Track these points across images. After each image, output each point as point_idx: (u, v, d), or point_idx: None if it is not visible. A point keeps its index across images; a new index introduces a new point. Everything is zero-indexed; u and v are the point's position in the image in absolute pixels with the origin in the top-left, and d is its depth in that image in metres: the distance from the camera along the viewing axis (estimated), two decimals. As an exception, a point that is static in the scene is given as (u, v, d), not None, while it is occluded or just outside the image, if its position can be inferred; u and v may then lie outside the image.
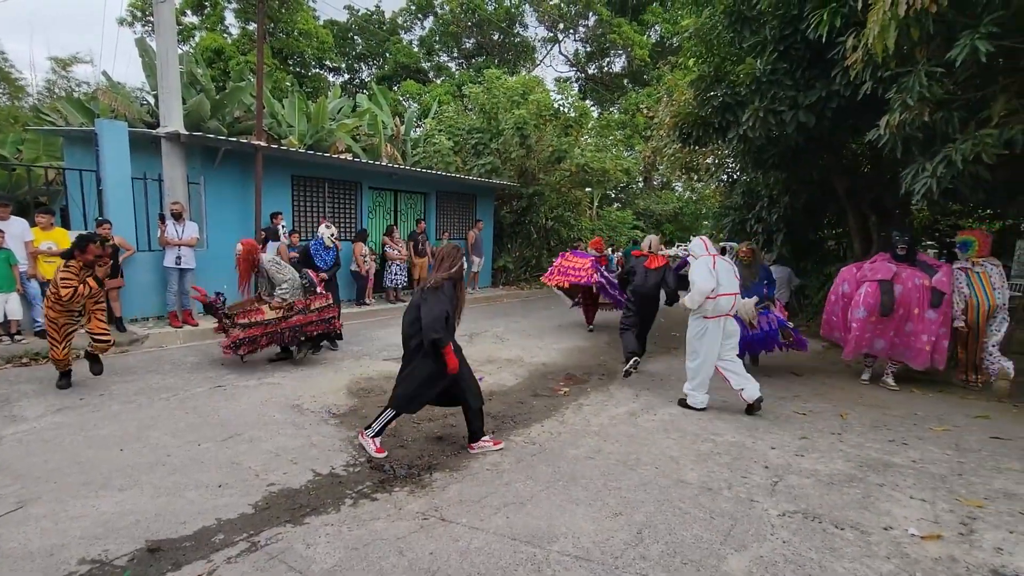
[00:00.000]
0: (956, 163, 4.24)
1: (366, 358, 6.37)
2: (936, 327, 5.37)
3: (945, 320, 5.38)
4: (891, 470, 3.55)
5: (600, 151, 15.07)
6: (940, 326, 5.38)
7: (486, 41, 27.45)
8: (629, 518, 2.87)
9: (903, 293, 5.45)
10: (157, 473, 3.24)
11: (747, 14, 6.15)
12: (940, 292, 5.34)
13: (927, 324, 5.38)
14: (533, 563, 2.46)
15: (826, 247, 9.05)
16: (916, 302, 5.42)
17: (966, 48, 3.80)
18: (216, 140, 7.92)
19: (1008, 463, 3.68)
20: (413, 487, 3.21)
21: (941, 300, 5.34)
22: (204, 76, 13.35)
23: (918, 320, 5.42)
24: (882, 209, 7.49)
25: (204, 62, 15.46)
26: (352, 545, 2.58)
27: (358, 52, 27.60)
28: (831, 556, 2.55)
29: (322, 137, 12.78)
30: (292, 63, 21.33)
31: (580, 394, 5.20)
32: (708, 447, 3.90)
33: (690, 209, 23.48)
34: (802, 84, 5.87)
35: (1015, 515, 2.96)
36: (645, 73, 25.10)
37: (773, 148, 6.95)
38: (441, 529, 2.74)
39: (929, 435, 4.23)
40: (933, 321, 5.36)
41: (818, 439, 4.10)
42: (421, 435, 4.05)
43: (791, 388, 5.59)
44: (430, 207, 12.16)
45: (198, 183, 7.97)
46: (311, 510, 2.90)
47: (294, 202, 9.40)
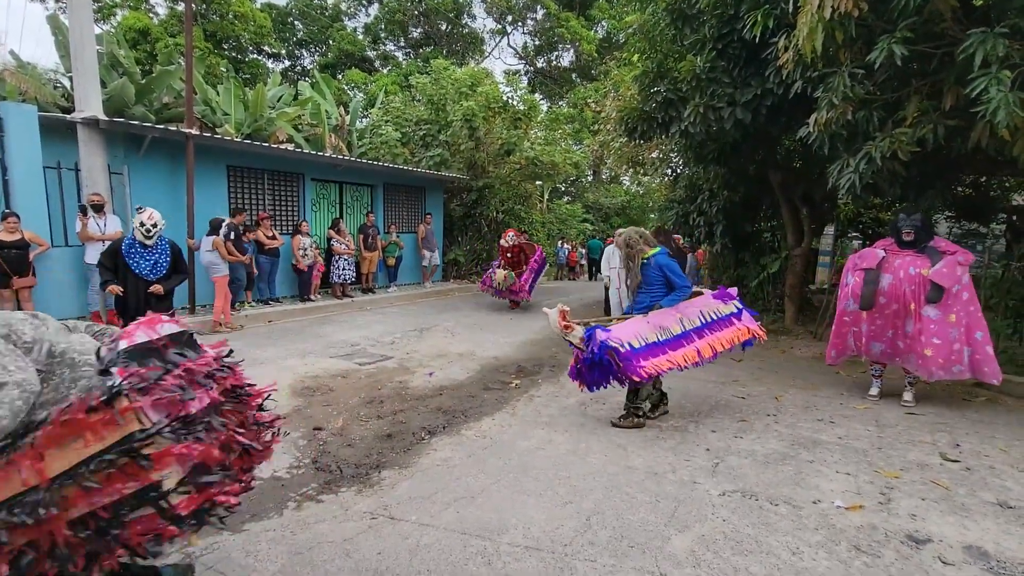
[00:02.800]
0: (876, 159, 4.54)
1: (311, 356, 6.16)
2: (944, 328, 4.42)
3: (961, 321, 4.39)
4: (820, 447, 3.78)
5: (550, 144, 15.17)
6: (952, 327, 4.41)
7: (434, 31, 26.99)
8: (578, 506, 2.92)
9: (893, 284, 4.61)
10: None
11: (687, 12, 6.32)
12: (938, 286, 4.41)
13: (928, 323, 4.45)
14: (484, 556, 2.46)
15: (763, 238, 9.51)
16: (912, 295, 4.52)
17: (884, 51, 4.06)
18: (141, 127, 7.39)
19: (920, 436, 4.00)
20: (361, 487, 3.13)
21: (940, 295, 4.39)
22: (127, 58, 12.40)
23: (918, 318, 4.51)
24: (812, 202, 7.94)
25: (127, 43, 14.35)
26: (295, 550, 2.49)
27: (299, 38, 26.45)
28: (766, 531, 2.69)
29: (261, 126, 12.19)
30: (227, 47, 20.17)
31: (531, 386, 5.24)
32: (654, 433, 4.02)
33: (638, 203, 24.08)
34: (739, 82, 6.10)
35: (927, 484, 3.23)
36: (593, 68, 25.46)
37: (713, 143, 7.21)
38: (390, 528, 2.69)
39: (853, 413, 4.54)
40: (936, 321, 4.43)
41: (755, 421, 4.31)
42: (370, 433, 3.96)
43: (731, 373, 5.85)
44: (377, 200, 11.87)
45: (121, 173, 7.42)
46: (251, 516, 2.77)
47: (231, 194, 8.93)
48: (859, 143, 4.80)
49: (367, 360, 6.08)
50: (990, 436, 4.01)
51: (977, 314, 4.45)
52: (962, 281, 4.42)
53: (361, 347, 6.68)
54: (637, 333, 4.00)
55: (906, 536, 2.66)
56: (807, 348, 7.03)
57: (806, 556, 2.49)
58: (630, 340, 3.92)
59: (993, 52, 3.66)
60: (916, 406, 4.69)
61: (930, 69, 4.49)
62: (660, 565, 2.40)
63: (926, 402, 4.84)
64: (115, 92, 10.49)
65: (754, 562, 2.44)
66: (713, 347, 4.12)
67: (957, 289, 4.40)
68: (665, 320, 4.13)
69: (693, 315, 4.20)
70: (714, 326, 4.22)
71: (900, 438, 3.97)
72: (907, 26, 4.06)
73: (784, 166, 7.96)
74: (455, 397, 4.85)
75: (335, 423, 4.13)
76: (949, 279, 4.37)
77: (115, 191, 7.34)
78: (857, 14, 3.91)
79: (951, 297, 4.41)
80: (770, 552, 2.52)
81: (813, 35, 4.09)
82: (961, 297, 4.42)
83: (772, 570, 2.38)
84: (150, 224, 4.57)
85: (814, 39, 4.10)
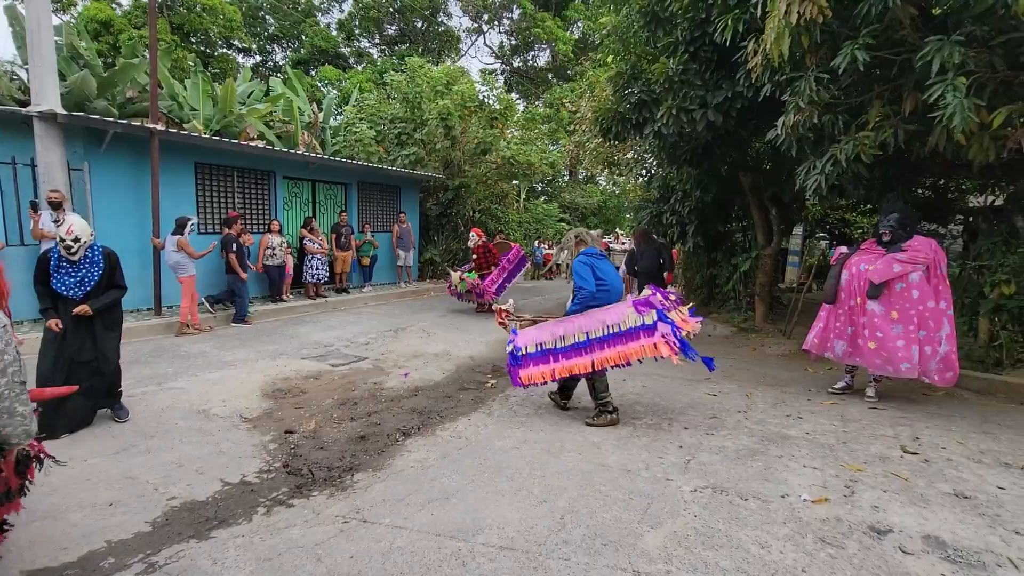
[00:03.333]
0: (841, 162, 4.67)
1: (283, 357, 6.04)
2: (885, 324, 4.55)
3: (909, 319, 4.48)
4: (788, 442, 3.87)
5: (526, 144, 15.19)
6: (894, 324, 4.52)
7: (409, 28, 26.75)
8: (553, 505, 2.92)
9: (848, 280, 4.80)
10: (32, 496, 2.86)
11: (661, 15, 6.40)
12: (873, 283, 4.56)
13: (871, 318, 4.62)
14: (458, 557, 2.44)
15: (734, 238, 9.70)
16: (859, 291, 4.70)
17: (847, 57, 4.19)
18: (101, 122, 7.13)
19: (883, 430, 4.14)
20: (333, 490, 3.08)
21: (876, 291, 4.56)
22: (88, 50, 11.95)
23: (863, 312, 4.70)
24: (781, 203, 8.14)
25: (89, 34, 13.84)
26: (265, 556, 2.43)
27: (270, 33, 25.89)
28: (736, 525, 2.75)
29: (231, 123, 11.88)
30: (195, 41, 19.59)
31: (507, 386, 5.23)
32: (628, 431, 4.06)
33: (614, 202, 24.29)
34: (710, 85, 6.21)
35: (888, 476, 3.34)
36: (569, 68, 25.59)
37: (686, 144, 7.32)
38: (362, 531, 2.65)
39: (820, 409, 4.67)
40: (880, 316, 4.57)
41: (726, 418, 4.40)
42: (343, 435, 3.90)
43: (702, 371, 5.93)
44: (351, 198, 11.71)
45: (81, 169, 7.13)
46: (219, 523, 2.70)
47: (198, 192, 8.68)
48: (825, 146, 4.93)
49: (341, 361, 5.98)
50: (947, 429, 4.17)
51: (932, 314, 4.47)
52: (908, 280, 4.49)
53: (335, 348, 6.58)
54: (539, 338, 4.05)
55: (868, 527, 2.75)
56: (777, 346, 7.21)
57: (774, 549, 2.54)
58: (529, 344, 3.99)
59: (949, 59, 3.80)
60: (879, 401, 4.84)
61: (891, 75, 4.65)
62: (633, 562, 2.43)
63: (888, 397, 5.01)
64: (75, 85, 10.09)
65: (724, 556, 2.48)
66: (617, 359, 3.96)
67: (902, 287, 4.51)
68: (567, 328, 4.10)
69: (595, 325, 4.04)
70: (617, 338, 4.00)
71: (864, 432, 4.10)
72: (869, 32, 4.19)
73: (754, 167, 8.13)
74: (430, 397, 4.81)
75: (307, 425, 4.06)
76: (879, 275, 4.54)
77: (75, 188, 7.05)
78: (822, 20, 4.02)
79: (894, 295, 4.54)
80: (739, 546, 2.56)
81: (780, 40, 4.18)
82: (907, 295, 4.50)
83: (741, 563, 2.43)
84: (70, 240, 3.79)
85: (781, 44, 4.20)
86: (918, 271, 4.50)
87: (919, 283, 4.50)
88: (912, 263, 4.50)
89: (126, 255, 7.51)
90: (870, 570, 2.39)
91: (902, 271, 4.51)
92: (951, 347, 4.49)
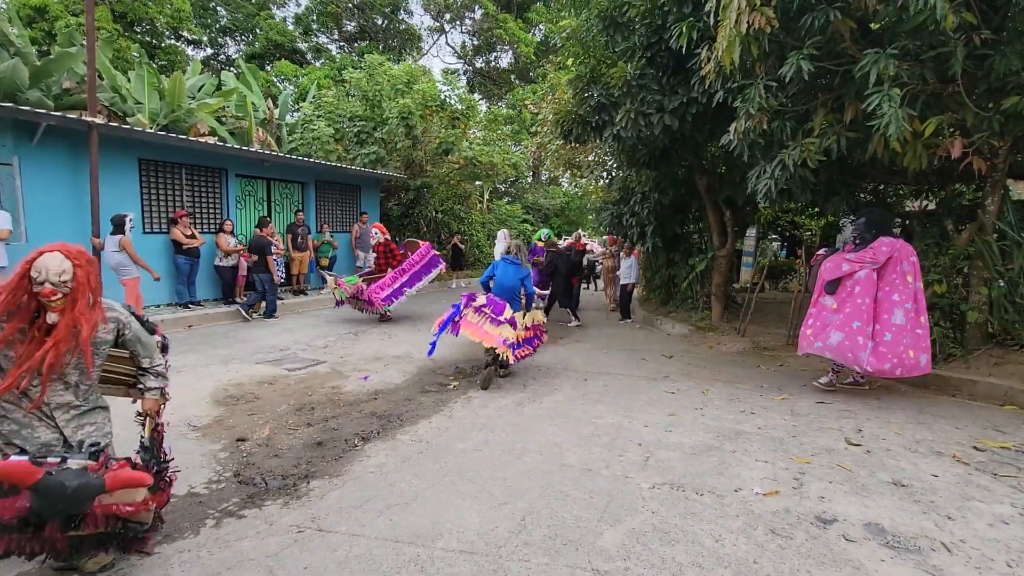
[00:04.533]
0: (789, 167, 4.87)
1: (235, 362, 5.81)
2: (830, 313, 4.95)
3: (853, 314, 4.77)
4: (742, 437, 4.00)
5: (488, 145, 15.18)
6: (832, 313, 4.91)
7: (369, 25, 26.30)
8: (513, 507, 2.92)
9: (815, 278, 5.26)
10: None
11: (619, 20, 6.51)
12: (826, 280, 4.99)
13: (821, 311, 5.06)
14: (416, 563, 2.40)
15: (691, 240, 9.98)
16: (818, 288, 5.15)
17: (793, 66, 4.37)
18: (33, 113, 6.68)
19: (829, 423, 4.33)
20: (287, 499, 2.98)
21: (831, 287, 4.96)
22: (21, 37, 11.17)
23: (817, 306, 5.15)
24: (735, 205, 8.42)
25: (22, 20, 12.95)
26: (213, 571, 2.32)
27: (222, 25, 24.91)
28: (692, 520, 2.81)
29: (179, 117, 11.37)
30: (140, 31, 18.65)
31: (469, 387, 5.21)
32: (589, 430, 4.10)
33: (576, 204, 24.60)
34: (667, 89, 6.36)
35: (834, 467, 3.49)
36: (531, 70, 25.74)
37: (644, 148, 7.47)
38: (318, 540, 2.57)
39: (772, 404, 4.85)
40: (828, 309, 4.99)
41: (684, 415, 4.51)
42: (298, 442, 3.78)
43: (662, 370, 6.09)
44: (309, 198, 11.40)
45: (10, 164, 6.67)
46: (163, 537, 2.56)
47: (143, 190, 8.26)
48: (775, 151, 5.13)
49: (297, 365, 5.81)
50: (888, 421, 4.40)
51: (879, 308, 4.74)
52: (855, 276, 4.83)
53: (291, 352, 6.38)
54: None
55: (815, 517, 2.87)
56: (732, 344, 7.45)
57: (727, 542, 2.62)
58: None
59: (885, 71, 4.02)
60: (827, 394, 5.07)
61: (834, 84, 4.88)
62: (592, 560, 2.45)
63: (834, 391, 5.25)
64: (5, 74, 9.44)
65: (680, 551, 2.53)
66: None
67: (850, 283, 4.86)
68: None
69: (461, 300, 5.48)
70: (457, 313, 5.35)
71: (812, 426, 4.28)
72: (813, 44, 4.39)
73: (710, 171, 8.39)
74: (391, 401, 4.73)
75: (261, 433, 3.91)
76: (829, 273, 4.99)
77: (3, 183, 6.59)
78: (770, 30, 4.18)
79: (844, 290, 4.91)
80: (695, 540, 2.63)
81: (731, 48, 4.32)
82: (851, 290, 4.86)
83: (696, 557, 2.49)
84: None
85: (732, 52, 4.34)
86: (865, 269, 4.81)
87: (863, 280, 4.82)
88: (859, 262, 4.83)
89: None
90: (816, 558, 2.50)
91: (849, 269, 4.86)
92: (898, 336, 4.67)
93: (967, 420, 4.41)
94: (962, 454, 3.69)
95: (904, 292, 4.77)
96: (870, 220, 4.99)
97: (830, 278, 4.97)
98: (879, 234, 4.91)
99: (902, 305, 4.74)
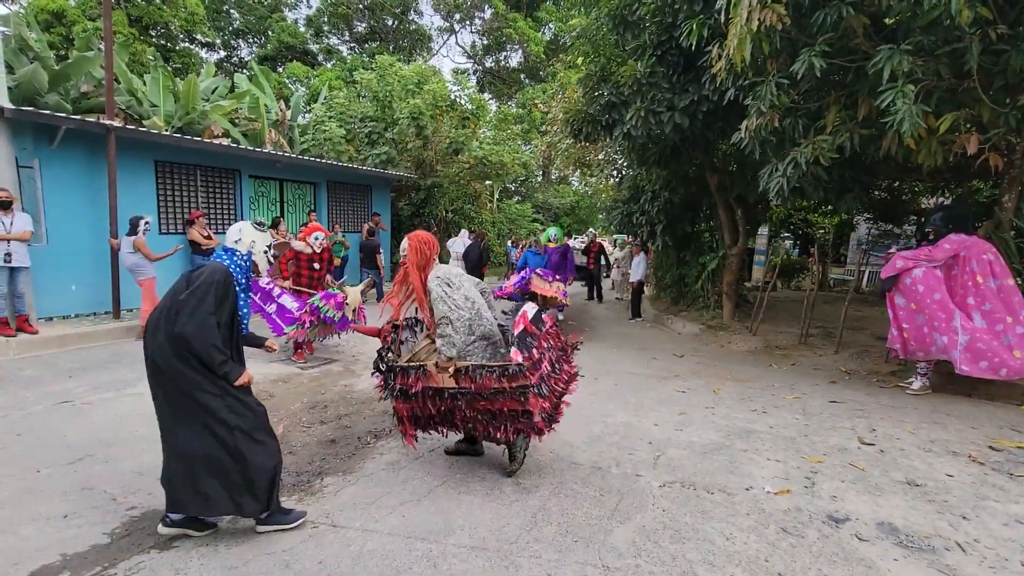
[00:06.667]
0: (801, 165, 4.84)
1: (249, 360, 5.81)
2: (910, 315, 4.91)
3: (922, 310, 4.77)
4: (753, 436, 3.99)
5: (498, 144, 15.21)
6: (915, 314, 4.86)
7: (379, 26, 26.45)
8: (524, 504, 2.94)
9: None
10: (-20, 510, 2.74)
11: (629, 19, 6.50)
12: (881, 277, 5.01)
13: (897, 311, 5.02)
14: (429, 559, 2.44)
15: (702, 238, 9.94)
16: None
17: (805, 63, 4.34)
18: (53, 117, 6.82)
19: (841, 422, 4.30)
20: (302, 495, 3.03)
21: (887, 285, 4.97)
22: (39, 42, 11.41)
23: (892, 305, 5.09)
24: (747, 204, 8.37)
25: (39, 26, 13.21)
26: (230, 564, 2.38)
27: (235, 28, 25.20)
28: (703, 518, 2.82)
29: (194, 119, 11.53)
30: (155, 34, 18.92)
31: (479, 386, 5.23)
32: (599, 428, 4.11)
33: (586, 203, 24.56)
34: (677, 87, 6.34)
35: (846, 467, 3.48)
36: (541, 69, 25.72)
37: (654, 146, 7.45)
38: (332, 536, 2.62)
39: (783, 403, 4.83)
40: (903, 308, 4.97)
41: (694, 413, 4.50)
42: (312, 440, 3.84)
43: (672, 369, 6.08)
44: (320, 198, 11.52)
45: (31, 167, 6.82)
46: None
47: (159, 191, 8.40)
48: (786, 148, 5.10)
49: (310, 364, 5.88)
50: (901, 420, 4.36)
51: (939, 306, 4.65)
52: (912, 275, 4.79)
53: (304, 351, 6.45)
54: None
55: (827, 516, 2.86)
56: (744, 343, 7.41)
57: (738, 540, 2.62)
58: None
59: (899, 67, 3.98)
60: (838, 394, 5.04)
61: (846, 81, 4.84)
62: (603, 557, 2.47)
63: (846, 390, 5.21)
64: (24, 79, 9.64)
65: (691, 549, 2.54)
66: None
67: (909, 282, 4.83)
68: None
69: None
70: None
71: (824, 425, 4.25)
72: (825, 40, 4.35)
73: (720, 169, 8.34)
74: (402, 399, 4.77)
75: (275, 430, 3.96)
76: (884, 271, 5.00)
77: (24, 186, 6.74)
78: (781, 27, 4.15)
79: (904, 288, 4.89)
80: (706, 538, 2.63)
81: (742, 46, 4.30)
82: (914, 289, 4.80)
83: (707, 555, 2.50)
84: None
85: (743, 49, 4.32)
86: (921, 267, 4.75)
87: (923, 278, 4.75)
88: (914, 259, 4.80)
89: (82, 256, 7.30)
90: (828, 557, 2.49)
91: (903, 266, 4.84)
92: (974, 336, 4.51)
93: (983, 420, 4.36)
94: (977, 454, 3.65)
95: (977, 294, 4.63)
96: (947, 215, 4.87)
97: (885, 275, 4.97)
98: (954, 230, 4.77)
99: (979, 308, 4.61)
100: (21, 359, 5.67)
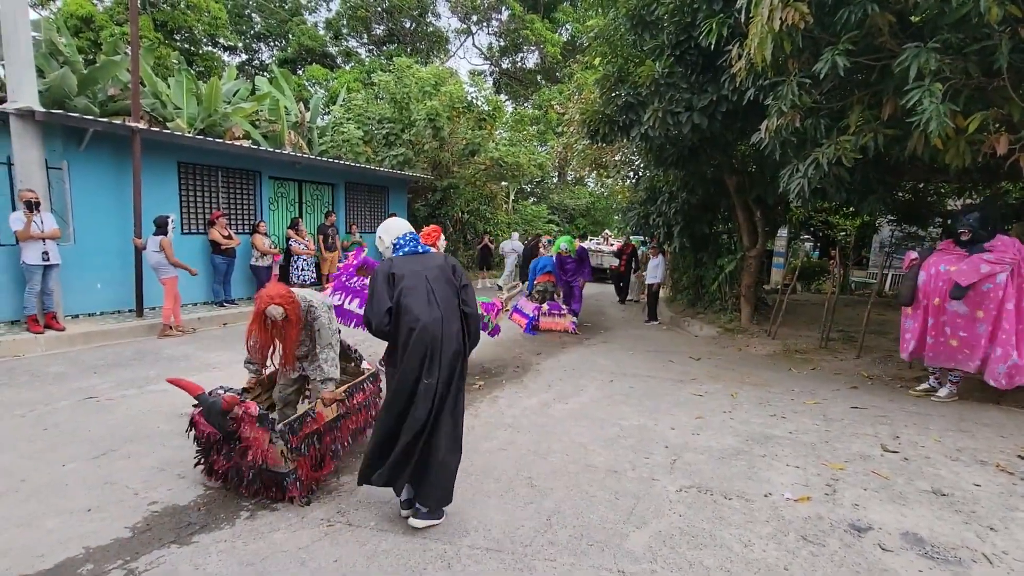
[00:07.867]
0: (823, 165, 4.74)
1: (268, 359, 5.96)
2: (970, 324, 4.59)
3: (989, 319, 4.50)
4: (771, 442, 3.92)
5: (514, 145, 15.22)
6: (979, 323, 4.54)
7: (397, 28, 26.65)
8: (539, 506, 2.93)
9: (925, 281, 4.84)
10: (6, 502, 2.82)
11: (647, 19, 6.44)
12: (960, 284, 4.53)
13: (953, 317, 4.67)
14: (443, 560, 2.44)
15: (720, 240, 9.81)
16: (937, 292, 4.72)
17: (828, 62, 4.25)
18: (82, 120, 7.01)
19: (863, 429, 4.21)
20: (319, 493, 3.06)
21: (961, 292, 4.53)
22: (68, 47, 11.72)
23: (943, 312, 4.73)
24: (766, 205, 8.24)
25: (69, 31, 13.58)
26: (248, 560, 2.40)
27: (256, 31, 25.61)
28: (720, 524, 2.77)
29: (216, 121, 11.74)
30: (179, 38, 19.34)
31: (495, 387, 5.24)
32: (615, 431, 4.08)
33: (602, 204, 24.43)
34: (696, 88, 6.27)
35: (868, 474, 3.39)
36: (557, 70, 25.67)
37: (672, 147, 7.37)
38: (347, 534, 2.63)
39: (803, 408, 4.74)
40: (963, 316, 4.62)
41: (711, 418, 4.44)
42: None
43: (689, 372, 6.00)
44: (338, 199, 11.64)
45: (60, 168, 7.01)
46: (201, 527, 2.66)
47: (182, 192, 8.57)
48: (808, 149, 5.00)
49: (327, 363, 5.92)
50: (926, 428, 4.25)
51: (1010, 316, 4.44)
52: (995, 281, 4.47)
53: (321, 350, 6.51)
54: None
55: (849, 525, 2.79)
56: (762, 346, 7.29)
57: (756, 547, 2.58)
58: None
59: (926, 66, 3.87)
60: (860, 400, 4.92)
61: (871, 80, 4.73)
62: (618, 562, 2.44)
63: (869, 396, 5.10)
64: (54, 83, 9.91)
65: (708, 555, 2.50)
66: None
67: (989, 288, 4.49)
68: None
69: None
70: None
71: (846, 431, 4.16)
72: (849, 39, 4.25)
73: (739, 170, 8.23)
74: (417, 399, 4.79)
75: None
76: (966, 276, 4.50)
77: (53, 187, 6.92)
78: (803, 26, 4.08)
79: (979, 295, 4.53)
80: (723, 545, 2.59)
81: (763, 45, 4.23)
82: (994, 296, 4.49)
83: (724, 562, 2.46)
84: None
85: (764, 49, 4.25)
86: (1005, 271, 4.49)
87: (1004, 284, 4.50)
88: (1000, 263, 4.48)
89: (107, 255, 7.47)
90: (850, 567, 2.43)
91: (990, 271, 4.49)
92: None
93: (1012, 428, 4.22)
94: (1006, 463, 3.54)
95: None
96: (984, 215, 4.63)
97: (967, 282, 4.49)
98: (995, 231, 4.58)
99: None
100: (49, 355, 5.82)
